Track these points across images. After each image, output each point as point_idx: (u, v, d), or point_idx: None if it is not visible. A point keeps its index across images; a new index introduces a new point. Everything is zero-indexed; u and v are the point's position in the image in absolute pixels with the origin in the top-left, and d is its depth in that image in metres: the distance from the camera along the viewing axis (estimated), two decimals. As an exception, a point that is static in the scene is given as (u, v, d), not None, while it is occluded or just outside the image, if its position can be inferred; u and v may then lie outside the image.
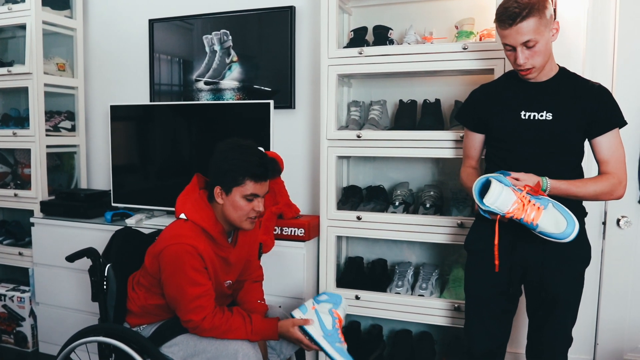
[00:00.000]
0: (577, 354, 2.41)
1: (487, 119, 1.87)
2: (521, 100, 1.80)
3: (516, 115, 1.79)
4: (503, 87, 1.88)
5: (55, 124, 3.23)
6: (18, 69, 3.08)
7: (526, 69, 1.73)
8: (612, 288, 2.37)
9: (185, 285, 1.75)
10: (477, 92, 1.96)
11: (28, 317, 3.09)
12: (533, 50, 1.68)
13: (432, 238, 2.30)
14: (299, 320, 1.78)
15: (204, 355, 1.78)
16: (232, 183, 1.79)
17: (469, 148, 2.00)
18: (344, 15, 2.63)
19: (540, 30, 1.66)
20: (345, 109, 2.62)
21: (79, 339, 1.91)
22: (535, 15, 1.64)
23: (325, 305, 1.81)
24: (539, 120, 1.76)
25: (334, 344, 1.75)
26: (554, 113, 1.75)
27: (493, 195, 1.60)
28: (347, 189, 2.58)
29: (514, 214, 1.60)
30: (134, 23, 3.23)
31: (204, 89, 3.05)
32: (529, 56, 1.70)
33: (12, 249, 3.18)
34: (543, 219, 1.60)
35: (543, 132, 1.75)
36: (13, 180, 3.37)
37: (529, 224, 1.61)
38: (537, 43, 1.67)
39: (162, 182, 2.93)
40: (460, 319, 2.25)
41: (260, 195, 1.83)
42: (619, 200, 2.35)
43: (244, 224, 1.85)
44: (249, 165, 1.77)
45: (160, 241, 1.84)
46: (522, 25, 1.65)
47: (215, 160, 1.83)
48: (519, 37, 1.67)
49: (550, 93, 1.78)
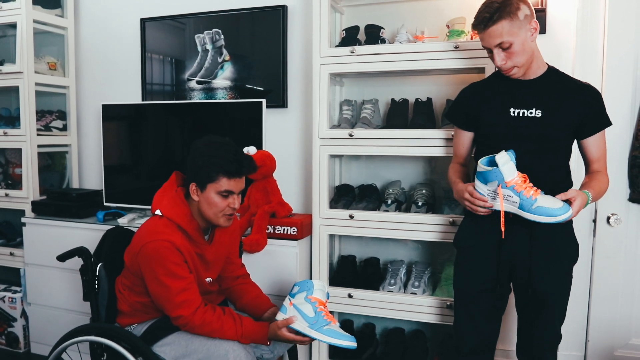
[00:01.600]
0: (568, 350, 2.43)
1: (477, 117, 1.89)
2: (510, 97, 1.82)
3: (505, 112, 1.81)
4: (492, 85, 1.90)
5: (46, 124, 3.21)
6: (9, 68, 3.05)
7: (506, 68, 1.77)
8: (602, 285, 2.39)
9: (168, 281, 1.74)
10: (466, 91, 1.98)
11: (20, 318, 3.07)
12: (509, 51, 1.72)
13: (424, 236, 2.30)
14: (283, 321, 1.77)
15: (195, 356, 1.78)
16: (206, 179, 1.80)
17: (458, 146, 2.02)
18: (336, 14, 2.63)
19: (512, 31, 1.69)
20: (337, 108, 2.63)
21: (70, 339, 1.90)
22: (505, 18, 1.68)
23: (300, 296, 1.80)
24: (528, 117, 1.78)
25: (321, 329, 1.74)
26: (543, 110, 1.77)
27: (503, 158, 1.62)
28: (340, 188, 2.59)
29: (515, 185, 1.63)
30: (126, 22, 3.22)
31: (196, 88, 3.05)
32: (505, 57, 1.74)
33: (4, 249, 3.16)
34: (541, 197, 1.63)
35: (532, 129, 1.77)
36: (4, 180, 3.35)
37: (528, 198, 1.62)
38: (512, 44, 1.71)
39: (154, 181, 2.92)
40: (452, 317, 2.26)
41: (235, 192, 1.83)
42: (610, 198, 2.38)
43: (219, 221, 1.85)
44: (223, 162, 1.78)
45: (137, 239, 1.83)
46: (493, 28, 1.70)
47: (190, 157, 1.85)
48: (491, 40, 1.72)
49: (539, 90, 1.80)
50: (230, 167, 1.79)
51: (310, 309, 1.77)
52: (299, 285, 1.82)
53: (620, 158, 2.34)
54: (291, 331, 1.77)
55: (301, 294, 1.80)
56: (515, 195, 1.64)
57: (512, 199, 1.66)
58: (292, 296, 1.81)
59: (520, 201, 1.64)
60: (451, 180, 1.97)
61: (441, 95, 2.51)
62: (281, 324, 1.76)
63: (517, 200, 1.65)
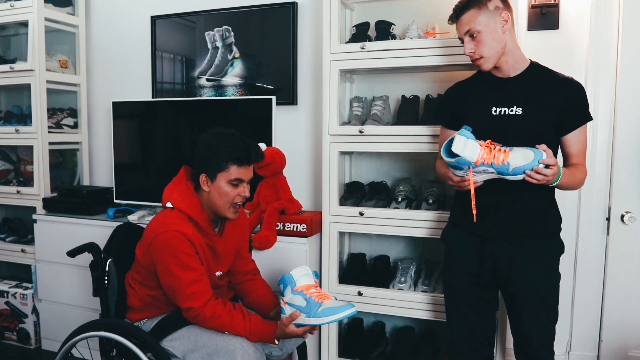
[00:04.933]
0: (581, 350, 2.41)
1: (461, 116, 1.88)
2: (492, 96, 1.82)
3: (487, 111, 1.81)
4: (475, 84, 1.91)
5: (57, 121, 3.23)
6: (20, 66, 3.08)
7: (474, 59, 1.79)
8: (616, 284, 2.36)
9: (179, 271, 1.75)
10: (451, 90, 1.99)
11: (31, 314, 3.09)
12: (477, 40, 1.75)
13: (435, 234, 2.28)
14: (288, 318, 1.76)
15: (204, 351, 1.78)
16: (217, 169, 1.81)
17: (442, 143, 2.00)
18: (346, 10, 2.62)
19: (480, 21, 1.73)
20: (347, 105, 2.61)
21: (79, 334, 1.90)
22: (474, 6, 1.74)
23: (287, 293, 1.79)
24: (509, 115, 1.78)
25: (316, 313, 1.73)
26: (524, 107, 1.76)
27: (459, 144, 1.61)
28: (350, 185, 2.58)
29: (484, 160, 1.62)
30: (136, 20, 3.23)
31: (206, 85, 3.05)
32: (474, 47, 1.77)
33: (15, 246, 3.19)
34: (512, 157, 1.61)
35: (514, 127, 1.76)
36: (16, 178, 3.37)
37: (501, 166, 1.61)
38: (479, 33, 1.74)
39: (164, 178, 2.88)
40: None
41: (245, 180, 1.85)
42: (624, 195, 2.35)
43: (228, 212, 1.86)
44: (232, 150, 1.80)
45: (148, 231, 1.85)
46: (463, 17, 1.76)
47: (199, 149, 1.87)
48: (460, 28, 1.78)
49: (520, 88, 1.79)
50: (239, 154, 1.81)
51: (301, 299, 1.76)
52: (281, 283, 1.81)
53: (633, 156, 2.31)
54: (297, 326, 1.77)
55: (287, 290, 1.79)
56: (489, 167, 1.63)
57: (487, 171, 1.65)
58: (283, 295, 1.80)
59: (496, 170, 1.63)
60: (440, 173, 1.96)
61: (452, 92, 2.48)
62: (286, 321, 1.76)
63: (492, 170, 1.64)
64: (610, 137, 2.37)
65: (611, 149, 2.36)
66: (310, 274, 1.83)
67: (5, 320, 3.16)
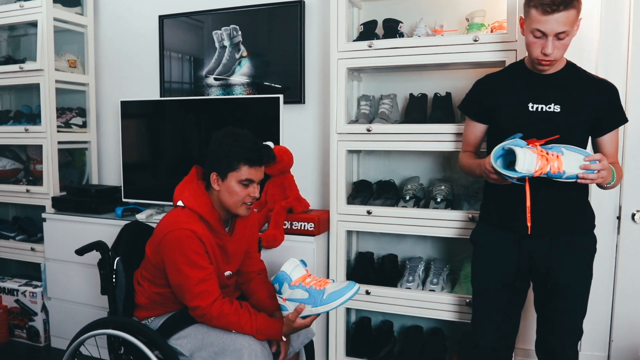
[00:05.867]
0: (591, 350, 2.38)
1: (492, 109, 1.85)
2: (528, 91, 1.78)
3: (524, 107, 1.77)
4: (509, 77, 1.86)
5: (66, 120, 3.25)
6: (30, 65, 3.10)
7: (546, 61, 1.69)
8: (627, 283, 2.33)
9: (188, 269, 1.76)
10: (482, 82, 1.94)
11: (40, 312, 3.11)
12: (562, 42, 1.65)
13: (443, 232, 2.27)
14: (294, 313, 1.75)
15: (211, 349, 1.78)
16: (228, 168, 1.82)
17: (469, 137, 1.98)
18: (354, 9, 2.61)
19: (574, 22, 1.63)
20: (355, 104, 2.60)
21: (87, 332, 1.91)
22: (576, 7, 1.61)
23: (285, 290, 1.77)
24: (547, 112, 1.74)
25: (322, 301, 1.73)
26: (562, 105, 1.73)
27: (521, 161, 1.56)
28: (357, 184, 2.57)
29: (542, 171, 1.58)
30: (144, 19, 3.24)
31: (213, 84, 3.05)
32: (554, 48, 1.65)
33: (25, 245, 3.21)
34: (565, 163, 1.59)
35: (550, 125, 1.73)
36: (25, 177, 3.39)
37: (557, 174, 1.59)
38: (567, 36, 1.64)
39: (172, 177, 2.93)
40: (471, 315, 2.23)
41: (256, 181, 1.85)
42: (634, 194, 2.33)
43: (239, 210, 1.86)
44: (244, 151, 1.81)
45: (159, 229, 1.85)
46: (563, 14, 1.60)
47: (211, 148, 1.87)
48: (556, 26, 1.61)
49: (558, 85, 1.76)
50: (251, 155, 1.81)
51: (301, 292, 1.75)
52: (275, 282, 1.79)
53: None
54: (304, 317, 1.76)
55: (284, 287, 1.77)
56: (544, 175, 1.60)
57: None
58: (280, 293, 1.79)
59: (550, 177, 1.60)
60: (467, 163, 1.92)
61: (460, 90, 2.46)
62: (292, 316, 1.75)
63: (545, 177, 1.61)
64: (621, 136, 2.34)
65: (622, 148, 2.33)
66: (300, 265, 1.81)
67: (15, 318, 3.18)
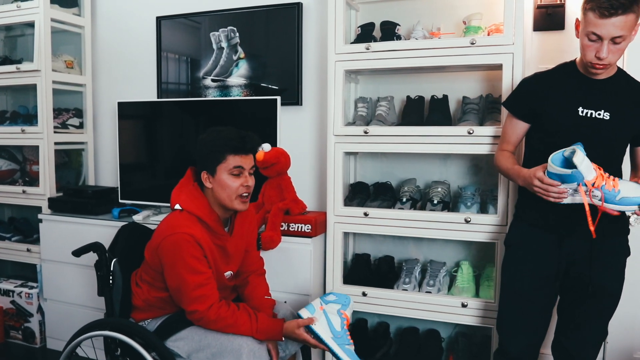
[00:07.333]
0: (586, 352, 2.39)
1: (541, 111, 1.81)
2: (579, 96, 1.74)
3: (573, 111, 1.74)
4: (559, 79, 1.81)
5: (63, 121, 3.24)
6: (26, 66, 3.09)
7: (601, 65, 1.65)
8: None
9: (186, 274, 1.75)
10: (531, 82, 1.87)
11: (36, 313, 3.11)
12: (617, 46, 1.61)
13: (439, 234, 2.28)
14: (305, 320, 1.77)
15: (208, 351, 1.78)
16: (215, 162, 1.83)
17: (510, 134, 1.93)
18: (351, 11, 2.62)
19: (632, 27, 1.59)
20: (352, 106, 2.61)
21: (84, 334, 1.91)
22: (635, 11, 1.56)
23: (333, 306, 1.79)
24: (596, 119, 1.72)
25: (343, 346, 1.74)
26: (611, 113, 1.71)
27: (579, 158, 1.55)
28: (355, 186, 2.57)
29: (595, 182, 1.58)
30: (142, 20, 3.24)
31: (211, 86, 3.05)
32: (609, 52, 1.61)
33: (21, 246, 3.20)
34: (622, 186, 1.59)
35: (598, 131, 1.71)
36: (21, 177, 3.38)
37: (610, 192, 1.59)
38: (624, 40, 1.60)
39: (169, 178, 2.92)
40: (467, 316, 2.24)
41: (246, 168, 1.85)
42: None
43: (235, 204, 1.86)
44: (226, 141, 1.83)
45: (157, 233, 1.85)
46: (622, 18, 1.55)
47: (197, 149, 1.89)
48: (613, 30, 1.57)
49: (608, 92, 1.73)
50: (234, 143, 1.82)
51: (339, 322, 1.77)
52: (337, 296, 1.82)
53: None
54: (308, 332, 1.77)
55: (335, 304, 1.79)
56: (597, 190, 1.59)
57: (593, 193, 1.61)
58: (325, 302, 1.80)
59: (603, 195, 1.59)
60: (508, 168, 1.88)
61: (457, 93, 2.48)
62: (302, 322, 1.76)
63: (598, 194, 1.60)
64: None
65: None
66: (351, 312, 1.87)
67: (10, 320, 3.17)
